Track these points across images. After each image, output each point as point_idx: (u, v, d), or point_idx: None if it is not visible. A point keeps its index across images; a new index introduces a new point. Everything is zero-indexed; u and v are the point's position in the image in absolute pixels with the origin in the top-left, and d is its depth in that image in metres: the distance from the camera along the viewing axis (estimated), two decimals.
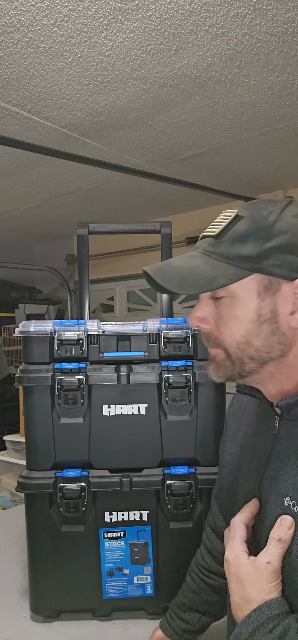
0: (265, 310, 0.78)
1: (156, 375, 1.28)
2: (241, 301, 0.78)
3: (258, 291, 0.78)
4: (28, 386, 1.28)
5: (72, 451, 1.28)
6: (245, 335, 0.79)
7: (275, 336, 0.78)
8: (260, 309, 0.78)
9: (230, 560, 0.82)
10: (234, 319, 0.79)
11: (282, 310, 0.77)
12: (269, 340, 0.78)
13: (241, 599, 0.78)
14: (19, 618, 1.33)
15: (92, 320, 1.31)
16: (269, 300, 0.77)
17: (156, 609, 1.32)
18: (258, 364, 0.80)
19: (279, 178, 3.32)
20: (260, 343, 0.78)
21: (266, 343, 0.78)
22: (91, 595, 1.30)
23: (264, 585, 0.76)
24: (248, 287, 0.78)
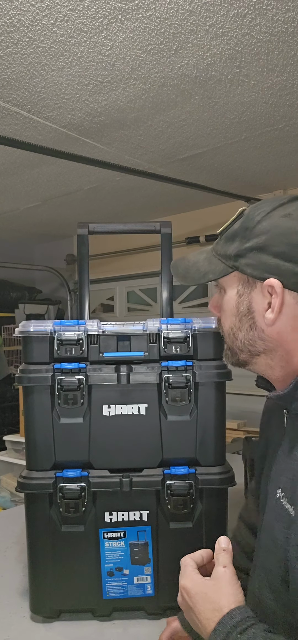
0: (243, 307, 0.84)
1: (156, 375, 1.28)
2: (227, 296, 0.87)
3: (238, 288, 0.84)
4: (28, 386, 1.27)
5: (72, 451, 1.28)
6: (232, 328, 0.86)
7: (254, 331, 0.83)
8: (238, 305, 0.84)
9: (189, 587, 0.82)
10: (224, 311, 0.88)
11: (257, 307, 0.82)
12: (249, 335, 0.83)
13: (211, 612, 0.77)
14: (19, 618, 1.33)
15: (92, 320, 1.31)
16: (245, 297, 0.83)
17: (156, 609, 1.31)
18: (249, 355, 0.85)
19: (279, 178, 3.32)
20: (243, 336, 0.84)
21: (247, 337, 0.84)
22: (91, 595, 1.30)
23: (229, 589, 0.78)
24: (231, 283, 0.85)
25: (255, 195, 3.58)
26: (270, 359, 0.84)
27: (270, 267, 0.79)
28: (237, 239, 0.84)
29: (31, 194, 3.47)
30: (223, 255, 0.85)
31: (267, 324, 0.81)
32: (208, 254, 0.91)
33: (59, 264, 5.13)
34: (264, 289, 0.80)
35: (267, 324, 0.81)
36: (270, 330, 0.81)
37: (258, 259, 0.80)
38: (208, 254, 0.90)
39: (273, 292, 0.79)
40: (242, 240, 0.82)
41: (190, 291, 4.25)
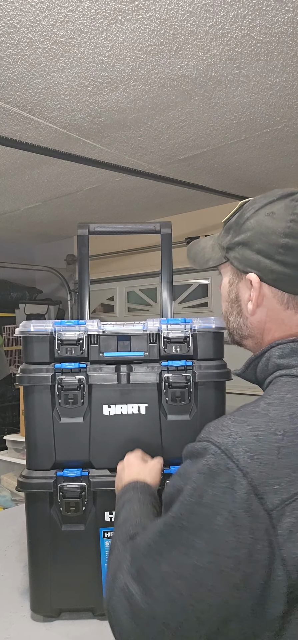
0: (232, 295, 0.91)
1: (156, 375, 1.28)
2: (223, 282, 0.95)
3: (230, 277, 0.92)
4: (28, 386, 1.28)
5: (73, 451, 1.28)
6: (226, 311, 0.94)
7: (241, 318, 0.90)
8: (229, 292, 0.92)
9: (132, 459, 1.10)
10: (221, 295, 0.96)
11: (242, 297, 0.89)
12: (237, 320, 0.91)
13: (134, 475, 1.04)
14: (20, 617, 1.34)
15: (92, 320, 1.31)
16: (234, 287, 0.91)
17: None
18: (239, 337, 0.93)
19: (279, 178, 3.32)
20: (233, 319, 0.92)
21: (236, 321, 0.92)
22: (91, 594, 1.31)
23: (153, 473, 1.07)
24: (226, 271, 0.93)
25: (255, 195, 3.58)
26: (254, 342, 0.91)
27: (252, 262, 0.85)
28: (230, 232, 0.90)
29: (32, 194, 3.47)
30: (221, 245, 0.93)
31: (248, 313, 0.88)
32: (214, 240, 0.98)
33: (59, 264, 5.13)
34: (247, 281, 0.87)
35: (249, 313, 0.88)
36: (251, 319, 0.88)
37: (243, 254, 0.86)
38: (214, 241, 0.98)
39: (252, 286, 0.85)
40: (234, 234, 0.89)
41: (190, 291, 4.25)
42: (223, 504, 0.64)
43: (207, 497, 0.66)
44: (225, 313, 0.94)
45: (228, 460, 0.66)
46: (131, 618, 0.68)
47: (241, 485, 0.64)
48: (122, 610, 0.69)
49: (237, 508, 0.64)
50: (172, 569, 0.66)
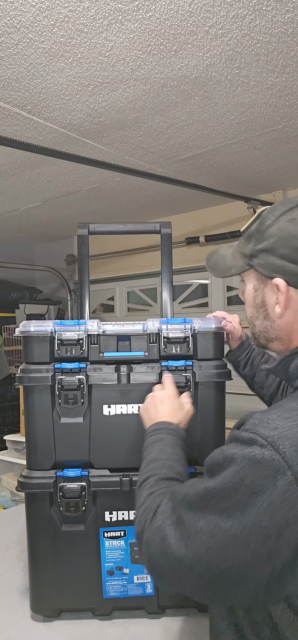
0: (258, 300, 0.95)
1: (156, 375, 1.28)
2: (247, 288, 0.99)
3: (254, 283, 0.96)
4: (28, 386, 1.28)
5: (73, 451, 1.28)
6: (251, 316, 0.99)
7: (268, 321, 0.94)
8: (255, 298, 0.96)
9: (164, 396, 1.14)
10: (245, 301, 1.00)
11: (269, 301, 0.93)
12: (264, 324, 0.95)
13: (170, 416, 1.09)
14: (20, 617, 1.34)
15: (92, 320, 1.31)
16: (260, 292, 0.95)
17: (156, 608, 1.32)
18: (265, 340, 0.97)
19: (279, 178, 3.32)
20: (259, 324, 0.96)
21: (262, 325, 0.96)
22: (91, 594, 1.31)
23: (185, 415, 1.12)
24: (250, 278, 0.97)
25: (255, 195, 3.58)
26: (281, 344, 0.95)
27: (277, 267, 0.89)
28: (252, 240, 0.94)
29: (31, 194, 3.47)
30: (243, 253, 0.97)
31: (276, 316, 0.92)
32: (234, 249, 1.02)
33: (59, 264, 5.13)
34: (272, 286, 0.91)
35: (276, 316, 0.92)
36: (279, 321, 0.92)
37: (267, 260, 0.90)
38: (234, 250, 1.02)
39: (279, 290, 0.89)
40: (256, 241, 0.93)
41: (190, 291, 4.25)
42: (263, 488, 0.70)
43: (249, 480, 0.72)
44: (251, 318, 0.99)
45: (274, 453, 0.72)
46: (162, 556, 0.79)
47: (285, 476, 0.70)
48: (155, 547, 0.81)
49: (277, 495, 0.70)
50: (206, 528, 0.74)
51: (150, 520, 0.84)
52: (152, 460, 0.97)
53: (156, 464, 0.96)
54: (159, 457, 0.97)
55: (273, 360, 1.37)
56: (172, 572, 0.79)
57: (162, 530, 0.81)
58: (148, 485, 0.92)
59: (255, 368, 1.37)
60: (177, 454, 0.99)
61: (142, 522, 0.86)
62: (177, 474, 0.94)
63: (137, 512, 0.90)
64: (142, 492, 0.92)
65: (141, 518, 0.87)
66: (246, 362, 1.37)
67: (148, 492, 0.90)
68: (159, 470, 0.94)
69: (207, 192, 3.23)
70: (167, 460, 0.96)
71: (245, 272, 0.98)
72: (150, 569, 0.84)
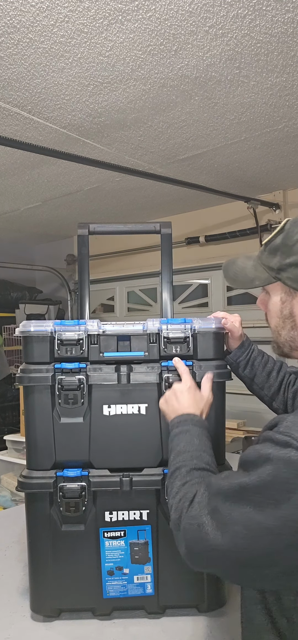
0: (286, 311, 0.99)
1: (156, 375, 1.28)
2: (272, 300, 1.03)
3: (281, 295, 1.00)
4: (28, 386, 1.28)
5: (73, 451, 1.28)
6: (276, 326, 1.02)
7: (295, 331, 0.99)
8: (282, 309, 1.00)
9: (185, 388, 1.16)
10: (269, 311, 1.04)
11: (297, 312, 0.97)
12: (291, 333, 0.99)
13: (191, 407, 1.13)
14: (20, 617, 1.34)
15: (92, 320, 1.31)
16: (288, 304, 0.99)
17: (156, 608, 1.32)
18: (290, 348, 1.01)
19: (279, 178, 3.32)
20: (285, 333, 1.00)
21: (289, 335, 1.00)
22: (91, 594, 1.31)
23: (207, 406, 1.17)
24: (275, 290, 1.01)
25: (255, 195, 3.58)
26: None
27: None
28: (278, 254, 0.97)
29: (31, 194, 3.47)
30: (267, 266, 1.00)
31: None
32: (254, 261, 1.05)
33: (59, 264, 5.13)
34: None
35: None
36: None
37: (297, 274, 0.95)
38: (255, 261, 1.05)
39: None
40: (283, 255, 0.96)
41: (190, 291, 4.25)
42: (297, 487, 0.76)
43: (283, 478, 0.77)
44: (276, 327, 1.03)
45: None
46: (199, 542, 0.85)
47: None
48: (192, 533, 0.87)
49: None
50: (240, 518, 0.80)
51: (187, 509, 0.90)
52: (181, 452, 1.02)
53: (185, 455, 1.01)
54: (188, 448, 1.02)
55: (272, 361, 1.37)
56: (207, 557, 0.85)
57: (198, 519, 0.86)
58: (180, 476, 0.97)
59: (255, 369, 1.37)
60: (204, 444, 1.04)
61: (179, 510, 0.91)
62: (206, 464, 1.00)
63: (172, 500, 0.95)
64: (174, 482, 0.98)
65: (177, 507, 0.92)
66: (246, 363, 1.37)
67: (181, 482, 0.96)
68: (189, 462, 1.00)
69: (207, 192, 3.23)
70: (196, 452, 1.01)
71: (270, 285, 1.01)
72: (186, 554, 0.89)
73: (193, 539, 0.87)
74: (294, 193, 3.58)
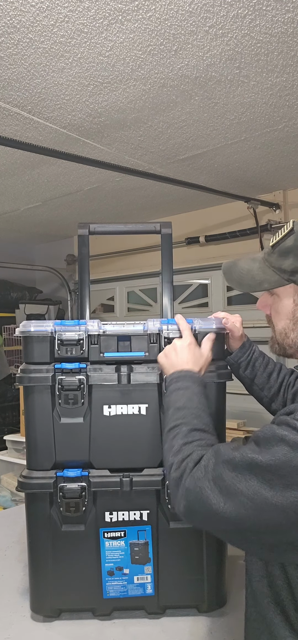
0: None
1: (156, 375, 1.28)
2: (282, 302, 1.01)
3: (294, 297, 0.98)
4: (28, 386, 1.28)
5: (73, 451, 1.28)
6: (284, 328, 1.01)
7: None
8: (294, 312, 0.99)
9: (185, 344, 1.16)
10: (278, 313, 1.03)
11: None
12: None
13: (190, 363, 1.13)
14: (20, 617, 1.34)
15: (92, 321, 1.31)
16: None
17: (156, 609, 1.32)
18: (296, 349, 1.01)
19: (279, 178, 3.32)
20: (295, 336, 1.00)
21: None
22: (91, 594, 1.31)
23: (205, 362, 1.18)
24: (287, 293, 1.00)
25: (255, 195, 3.58)
26: None
27: None
28: (291, 256, 0.96)
29: (32, 194, 3.47)
30: (279, 268, 0.98)
31: None
32: (260, 263, 1.03)
33: (60, 264, 5.13)
34: None
35: None
36: None
37: None
38: (261, 264, 1.03)
39: None
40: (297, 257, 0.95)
41: (190, 291, 4.25)
42: None
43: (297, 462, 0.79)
44: (284, 329, 1.02)
45: None
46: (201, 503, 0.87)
47: None
48: (194, 495, 0.88)
49: None
50: (246, 491, 0.82)
51: (191, 469, 0.91)
52: (181, 408, 1.03)
53: (185, 411, 1.02)
54: (188, 405, 1.03)
55: (273, 362, 1.37)
56: (207, 518, 0.88)
57: (202, 482, 0.88)
58: (181, 434, 0.98)
59: (256, 370, 1.37)
60: (203, 404, 1.05)
61: (181, 469, 0.92)
62: (206, 425, 1.01)
63: (173, 458, 0.96)
64: (175, 439, 0.98)
65: (180, 465, 0.93)
66: (247, 364, 1.37)
67: (183, 440, 0.97)
68: (190, 420, 1.01)
69: (207, 192, 3.23)
70: (196, 410, 1.02)
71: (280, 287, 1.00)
72: (185, 512, 0.91)
73: (196, 499, 0.88)
74: (294, 193, 3.58)
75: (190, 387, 1.07)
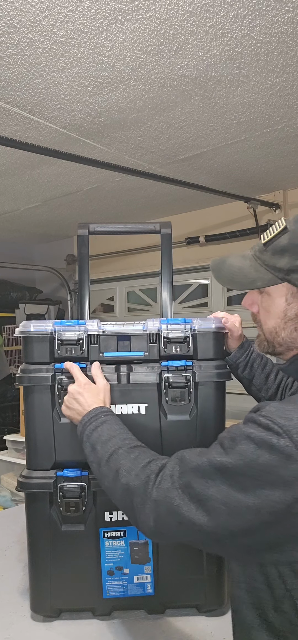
0: (291, 312, 0.97)
1: (156, 375, 1.28)
2: (274, 301, 0.99)
3: (287, 296, 0.97)
4: (28, 386, 1.28)
5: (72, 451, 1.28)
6: (275, 327, 0.99)
7: None
8: (286, 311, 0.97)
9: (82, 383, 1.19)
10: (268, 312, 1.00)
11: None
12: (293, 335, 0.98)
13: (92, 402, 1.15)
14: (19, 617, 1.34)
15: (92, 320, 1.31)
16: (294, 305, 0.96)
17: (156, 608, 1.32)
18: (286, 348, 1.00)
19: (279, 178, 3.32)
20: (285, 335, 0.98)
21: (290, 336, 0.98)
22: (91, 594, 1.31)
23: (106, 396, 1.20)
24: (279, 291, 0.98)
25: (255, 195, 3.58)
26: None
27: None
28: (286, 254, 0.94)
29: (31, 194, 3.47)
30: (272, 267, 0.96)
31: None
32: (252, 260, 1.01)
33: (59, 264, 5.13)
34: None
35: None
36: None
37: None
38: (253, 261, 1.01)
39: None
40: (293, 256, 0.93)
41: (190, 291, 4.25)
42: (277, 469, 0.78)
43: (264, 460, 0.79)
44: (275, 328, 1.00)
45: (289, 441, 0.78)
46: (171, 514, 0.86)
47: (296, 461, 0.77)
48: (164, 506, 0.87)
49: (289, 476, 0.77)
50: (218, 495, 0.81)
51: (154, 481, 0.90)
52: (108, 439, 1.04)
53: (114, 439, 1.03)
54: (113, 434, 1.04)
55: (271, 363, 1.38)
56: (179, 529, 0.86)
57: (171, 492, 0.87)
58: (122, 456, 0.99)
59: (254, 370, 1.37)
60: (124, 428, 1.08)
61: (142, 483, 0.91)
62: (140, 444, 1.03)
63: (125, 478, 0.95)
64: (118, 463, 0.98)
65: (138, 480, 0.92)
66: (246, 364, 1.37)
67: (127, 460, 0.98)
68: (124, 442, 1.02)
69: (207, 192, 3.23)
70: (122, 434, 1.05)
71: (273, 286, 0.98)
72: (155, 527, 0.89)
73: (166, 511, 0.87)
74: (294, 193, 3.58)
75: (106, 420, 1.08)
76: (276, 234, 0.96)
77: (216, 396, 1.30)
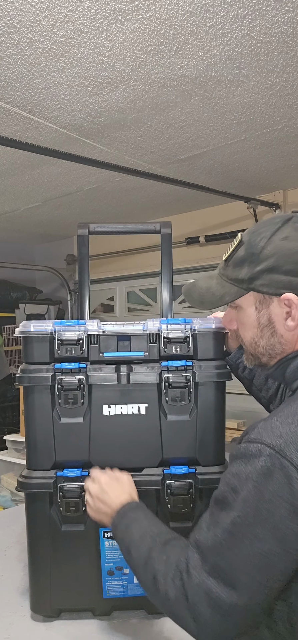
0: (263, 319, 0.96)
1: (156, 375, 1.28)
2: (245, 312, 0.99)
3: (255, 305, 0.97)
4: (28, 386, 1.28)
5: (72, 451, 1.28)
6: (253, 337, 0.99)
7: (275, 338, 0.96)
8: (258, 319, 0.97)
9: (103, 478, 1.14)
10: (243, 325, 1.01)
11: (276, 318, 0.95)
12: (271, 341, 0.97)
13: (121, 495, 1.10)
14: (19, 617, 1.34)
15: (92, 320, 1.31)
16: (264, 312, 0.96)
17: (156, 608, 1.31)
18: (269, 357, 0.99)
19: (279, 178, 3.32)
20: (264, 343, 0.97)
21: (269, 343, 0.97)
22: (91, 594, 1.31)
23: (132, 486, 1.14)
24: (248, 302, 0.98)
25: (255, 195, 3.58)
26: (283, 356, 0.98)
27: (284, 283, 0.92)
28: (245, 264, 0.95)
29: (32, 194, 3.47)
30: (235, 279, 0.97)
31: (287, 329, 0.95)
32: (217, 279, 1.02)
33: (59, 264, 5.13)
34: (281, 302, 0.93)
35: (288, 329, 0.94)
36: (288, 334, 0.95)
37: (271, 279, 0.93)
38: (219, 279, 1.02)
39: (291, 303, 0.92)
40: (252, 265, 0.94)
41: None
42: (283, 497, 0.76)
43: (268, 493, 0.77)
44: (253, 339, 0.99)
45: (283, 460, 0.77)
46: (214, 609, 0.81)
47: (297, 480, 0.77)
48: (202, 604, 0.81)
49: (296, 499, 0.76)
50: (244, 561, 0.78)
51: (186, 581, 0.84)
52: (140, 539, 0.98)
53: (146, 539, 0.97)
54: (144, 533, 0.99)
55: None
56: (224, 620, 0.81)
57: (203, 586, 0.82)
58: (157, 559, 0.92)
59: (254, 370, 1.37)
60: (154, 519, 1.03)
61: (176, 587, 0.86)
62: (168, 533, 0.98)
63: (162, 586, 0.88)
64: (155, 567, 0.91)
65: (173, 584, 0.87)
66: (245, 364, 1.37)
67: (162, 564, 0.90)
68: (153, 541, 0.96)
69: (207, 192, 3.23)
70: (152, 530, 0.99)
71: (241, 298, 0.98)
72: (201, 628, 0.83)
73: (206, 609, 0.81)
74: (294, 193, 3.58)
75: (136, 518, 1.03)
76: (234, 248, 0.98)
77: (216, 396, 1.30)
